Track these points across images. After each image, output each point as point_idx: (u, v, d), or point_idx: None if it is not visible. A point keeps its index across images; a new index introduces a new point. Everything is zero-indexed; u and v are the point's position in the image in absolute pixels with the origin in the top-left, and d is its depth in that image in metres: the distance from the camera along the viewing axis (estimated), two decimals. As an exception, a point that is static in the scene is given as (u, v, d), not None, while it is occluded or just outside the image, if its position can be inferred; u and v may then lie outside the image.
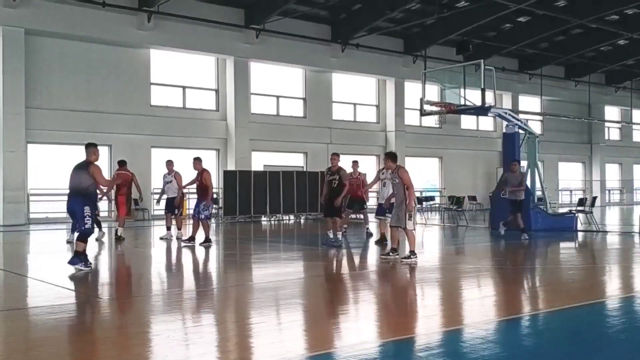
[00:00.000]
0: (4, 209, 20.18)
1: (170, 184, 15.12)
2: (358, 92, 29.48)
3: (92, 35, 21.68)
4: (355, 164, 15.89)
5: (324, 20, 26.47)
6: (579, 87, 36.95)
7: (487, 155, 33.45)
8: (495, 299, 7.96)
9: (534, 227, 16.84)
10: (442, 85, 19.76)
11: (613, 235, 17.02)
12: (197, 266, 11.65)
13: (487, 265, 11.11)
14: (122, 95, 22.75)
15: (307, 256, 12.43)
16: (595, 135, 39.88)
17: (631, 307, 7.36)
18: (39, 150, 21.51)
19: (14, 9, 20.03)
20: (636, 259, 12.38)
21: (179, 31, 23.17)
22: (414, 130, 30.15)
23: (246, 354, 5.36)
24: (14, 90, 20.28)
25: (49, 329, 6.23)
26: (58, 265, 11.21)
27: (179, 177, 15.07)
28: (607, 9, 25.93)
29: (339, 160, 13.23)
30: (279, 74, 26.90)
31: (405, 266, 10.23)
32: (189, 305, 7.51)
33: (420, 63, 28.12)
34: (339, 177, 12.90)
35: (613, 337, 5.87)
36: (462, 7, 24.76)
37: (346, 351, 5.22)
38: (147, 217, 22.92)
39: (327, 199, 13.07)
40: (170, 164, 15.35)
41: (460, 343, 5.65)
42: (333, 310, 7.18)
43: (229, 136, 25.02)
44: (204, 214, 13.57)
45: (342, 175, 12.93)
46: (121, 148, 22.77)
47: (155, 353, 5.36)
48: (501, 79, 26.45)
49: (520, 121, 18.65)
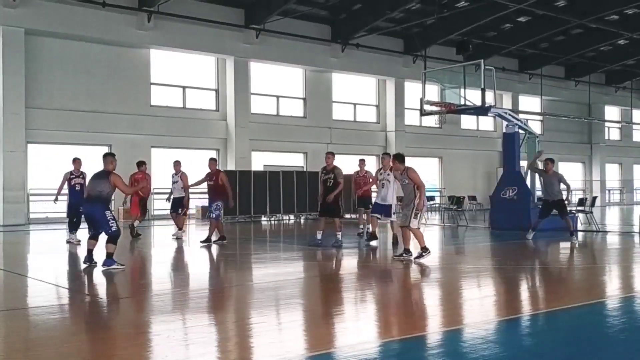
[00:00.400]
0: (4, 209, 20.19)
1: (176, 184, 15.49)
2: (358, 92, 29.49)
3: (92, 35, 21.69)
4: (362, 162, 15.91)
5: (324, 20, 26.48)
6: (579, 87, 36.95)
7: (487, 155, 33.46)
8: (495, 299, 7.96)
9: (534, 227, 16.83)
10: (442, 85, 19.77)
11: (613, 235, 17.01)
12: (197, 266, 11.65)
13: (487, 265, 11.11)
14: (122, 95, 22.75)
15: (307, 256, 12.42)
16: (595, 135, 39.89)
17: (631, 307, 7.36)
18: (39, 150, 21.51)
19: (14, 9, 20.04)
20: (636, 259, 12.37)
21: (179, 31, 23.18)
22: (414, 130, 30.15)
23: (246, 354, 5.36)
24: (14, 90, 20.29)
25: (49, 329, 6.23)
26: (58, 265, 11.22)
27: (185, 178, 15.35)
28: (607, 9, 25.94)
29: (334, 159, 13.22)
30: (279, 74, 26.90)
31: (404, 266, 10.23)
32: (189, 305, 7.51)
33: (420, 63, 28.12)
34: (334, 175, 12.88)
35: (613, 337, 5.87)
36: (462, 7, 24.76)
37: (346, 351, 5.22)
38: (146, 217, 22.89)
39: (323, 199, 13.05)
40: (177, 165, 15.70)
41: (460, 343, 5.65)
42: (333, 310, 7.18)
43: (229, 136, 25.02)
44: (215, 213, 13.84)
45: (336, 174, 12.90)
46: (121, 148, 22.74)
47: (155, 353, 5.36)
48: (501, 79, 26.46)
49: (520, 121, 18.65)
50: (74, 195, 13.89)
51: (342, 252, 12.60)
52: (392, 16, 25.53)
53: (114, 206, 22.60)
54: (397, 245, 12.97)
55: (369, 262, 11.93)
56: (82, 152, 22.09)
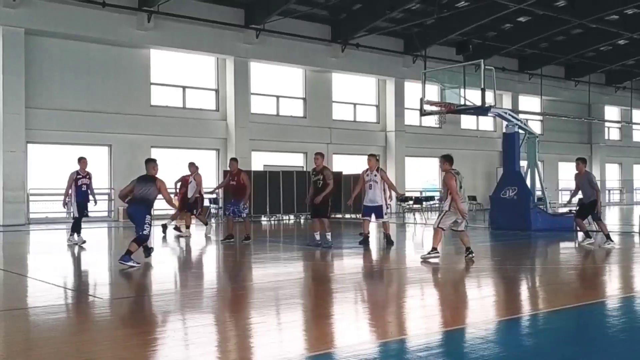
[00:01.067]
0: (4, 209, 20.18)
1: (190, 185, 16.06)
2: (358, 92, 29.48)
3: (92, 35, 21.68)
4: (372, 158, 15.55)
5: (324, 20, 26.47)
6: (579, 87, 36.95)
7: (487, 155, 33.47)
8: (495, 299, 7.96)
9: (534, 227, 16.85)
10: (442, 85, 19.77)
11: (613, 235, 16.96)
12: (197, 266, 11.66)
13: (487, 265, 11.11)
14: (122, 95, 22.75)
15: (307, 256, 12.42)
16: (595, 135, 39.89)
17: (631, 307, 7.36)
18: (39, 150, 21.51)
19: (14, 9, 20.03)
20: (636, 259, 12.38)
21: (179, 31, 23.17)
22: (414, 130, 30.15)
23: (246, 354, 5.36)
24: (14, 90, 20.28)
25: (49, 329, 6.23)
26: (58, 265, 11.22)
27: (199, 179, 16.06)
28: (607, 9, 25.93)
29: (323, 160, 13.19)
30: (279, 74, 26.90)
31: (404, 266, 10.23)
32: (189, 305, 7.51)
33: (420, 63, 28.11)
34: (323, 176, 12.85)
35: (613, 337, 5.87)
36: (462, 7, 24.76)
37: (346, 351, 5.22)
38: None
39: (312, 200, 13.05)
40: (192, 166, 16.25)
41: (460, 343, 5.65)
42: (333, 311, 7.18)
43: (229, 136, 25.02)
44: (245, 212, 14.29)
45: (325, 175, 12.85)
46: (121, 148, 22.81)
47: (155, 353, 5.36)
48: (501, 79, 26.45)
49: (520, 121, 18.65)
50: (81, 195, 13.75)
51: (344, 251, 12.60)
52: (392, 16, 25.52)
53: (115, 206, 22.65)
54: (390, 245, 13.14)
55: (369, 262, 11.92)
56: (82, 152, 22.07)
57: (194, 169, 16.17)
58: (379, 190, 13.18)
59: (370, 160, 13.46)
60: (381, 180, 13.14)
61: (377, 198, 13.19)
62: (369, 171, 13.33)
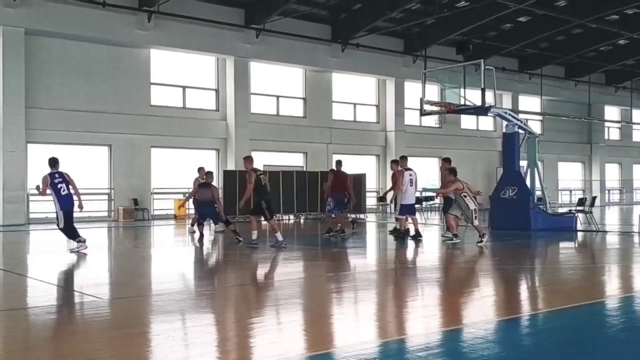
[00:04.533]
0: (4, 209, 20.19)
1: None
2: (358, 92, 29.48)
3: (92, 35, 21.68)
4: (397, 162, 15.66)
5: (324, 20, 26.47)
6: (579, 87, 36.95)
7: (487, 155, 33.46)
8: (495, 299, 7.96)
9: (534, 227, 16.85)
10: (442, 85, 19.74)
11: (613, 235, 17.01)
12: (197, 266, 11.65)
13: (487, 265, 11.11)
14: (122, 95, 22.75)
15: (307, 256, 12.42)
16: (595, 135, 39.88)
17: (631, 307, 7.36)
18: (39, 150, 21.47)
19: (14, 9, 20.03)
20: (636, 259, 12.37)
21: (179, 31, 23.17)
22: (414, 130, 30.14)
23: (246, 354, 5.36)
24: (14, 90, 20.29)
25: (49, 329, 6.23)
26: (58, 265, 11.22)
27: (216, 191, 16.53)
28: (607, 9, 25.94)
29: (248, 163, 13.02)
30: (279, 74, 26.89)
31: (404, 266, 10.22)
32: (189, 305, 7.51)
33: (420, 63, 28.11)
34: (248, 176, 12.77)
35: (613, 337, 5.87)
36: (462, 7, 24.76)
37: (346, 351, 5.22)
38: (146, 217, 22.94)
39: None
40: (201, 171, 16.45)
41: (460, 343, 5.65)
42: (333, 310, 7.18)
43: (229, 136, 25.02)
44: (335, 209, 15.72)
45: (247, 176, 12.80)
46: (121, 148, 22.82)
47: (155, 353, 5.36)
48: (501, 79, 26.40)
49: (520, 121, 18.64)
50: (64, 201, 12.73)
51: (342, 252, 12.59)
52: (392, 16, 25.52)
53: (114, 205, 22.65)
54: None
55: (368, 262, 11.92)
56: (82, 152, 22.22)
57: (210, 178, 16.18)
58: None
59: (404, 161, 15.11)
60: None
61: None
62: (411, 170, 14.14)
